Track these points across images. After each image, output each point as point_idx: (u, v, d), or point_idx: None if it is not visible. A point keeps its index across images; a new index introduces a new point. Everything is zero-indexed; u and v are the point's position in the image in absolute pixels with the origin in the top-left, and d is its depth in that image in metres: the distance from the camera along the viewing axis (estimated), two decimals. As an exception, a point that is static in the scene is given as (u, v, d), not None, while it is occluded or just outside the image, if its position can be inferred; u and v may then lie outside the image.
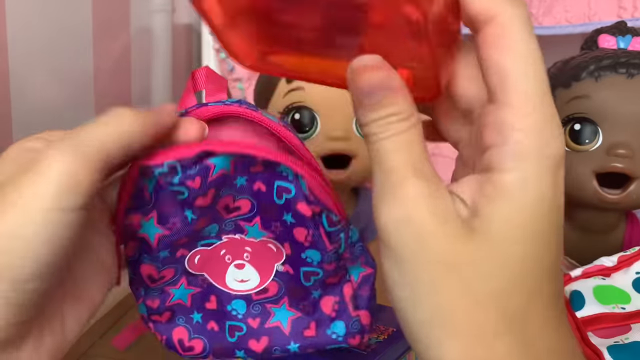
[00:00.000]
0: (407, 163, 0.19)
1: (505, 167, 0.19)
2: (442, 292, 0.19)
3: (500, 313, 0.19)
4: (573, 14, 0.65)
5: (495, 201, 0.19)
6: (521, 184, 0.19)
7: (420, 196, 0.19)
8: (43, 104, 0.50)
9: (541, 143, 0.19)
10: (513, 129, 0.19)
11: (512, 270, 0.19)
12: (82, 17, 0.54)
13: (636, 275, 0.43)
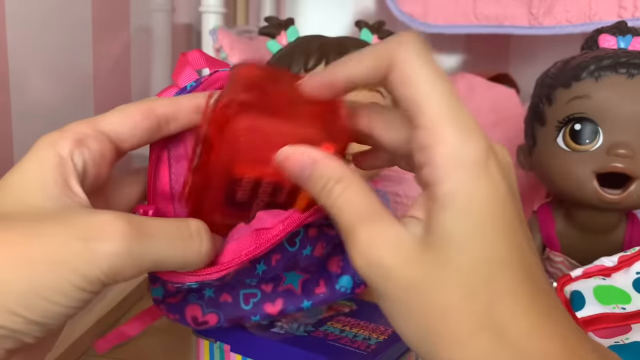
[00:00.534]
0: (352, 216, 0.22)
1: (436, 181, 0.21)
2: (416, 313, 0.21)
3: (470, 314, 0.20)
4: (573, 14, 0.65)
5: (437, 214, 0.21)
6: (453, 193, 0.21)
7: (370, 240, 0.22)
8: (43, 103, 0.50)
9: (461, 151, 0.21)
10: (434, 145, 0.21)
11: (470, 272, 0.21)
12: (82, 16, 0.54)
13: (636, 275, 0.43)
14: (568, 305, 0.41)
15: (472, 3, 0.69)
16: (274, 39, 0.50)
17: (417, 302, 0.21)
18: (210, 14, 0.66)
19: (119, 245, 0.22)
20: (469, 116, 0.22)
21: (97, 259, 0.21)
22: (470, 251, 0.21)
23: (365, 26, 0.51)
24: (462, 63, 0.92)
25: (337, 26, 0.94)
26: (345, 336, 0.38)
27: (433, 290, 0.21)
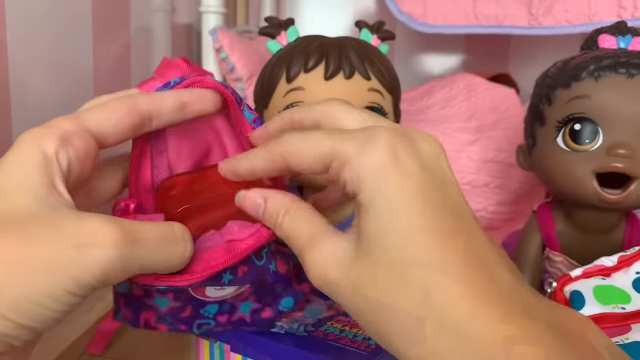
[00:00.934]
0: (299, 243, 0.25)
1: (355, 193, 0.23)
2: (369, 318, 0.22)
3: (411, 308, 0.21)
4: (573, 14, 0.65)
5: (362, 220, 0.23)
6: (369, 198, 0.23)
7: (315, 261, 0.24)
8: (43, 103, 0.50)
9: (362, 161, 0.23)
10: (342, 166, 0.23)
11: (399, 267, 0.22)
12: (82, 16, 0.54)
13: (636, 275, 0.43)
14: (568, 305, 0.41)
15: (472, 3, 0.69)
16: (274, 39, 0.50)
17: (364, 307, 0.22)
18: (210, 14, 0.66)
19: (112, 252, 0.22)
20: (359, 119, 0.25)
21: (89, 265, 0.22)
22: (395, 247, 0.22)
23: (365, 26, 0.51)
24: (461, 63, 0.92)
25: (337, 26, 0.94)
26: (345, 336, 0.38)
27: (372, 293, 0.22)
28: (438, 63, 0.93)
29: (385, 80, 0.48)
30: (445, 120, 0.66)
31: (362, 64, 0.46)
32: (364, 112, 0.26)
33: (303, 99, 0.46)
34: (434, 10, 0.70)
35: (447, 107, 0.69)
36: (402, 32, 0.81)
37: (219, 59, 0.65)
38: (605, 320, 0.40)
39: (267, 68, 0.49)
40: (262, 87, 0.49)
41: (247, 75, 0.65)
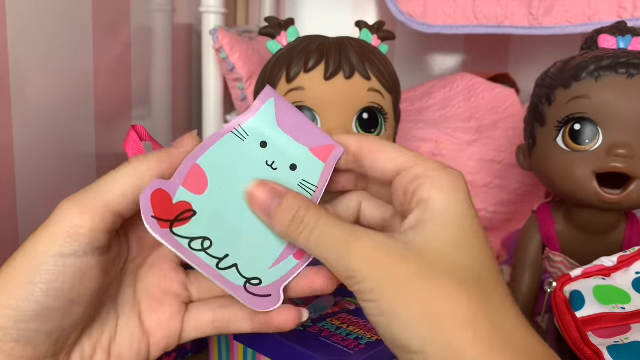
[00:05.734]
0: (341, 235, 0.25)
1: (434, 195, 0.25)
2: (415, 301, 0.23)
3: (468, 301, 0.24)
4: (573, 14, 0.65)
5: (430, 221, 0.25)
6: (448, 204, 0.25)
7: (368, 248, 0.25)
8: (43, 103, 0.50)
9: (450, 178, 0.26)
10: (429, 173, 0.26)
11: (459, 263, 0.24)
12: (82, 16, 0.54)
13: (636, 275, 0.43)
14: (567, 305, 0.41)
15: (472, 3, 0.69)
16: (274, 39, 0.50)
17: (418, 290, 0.24)
18: (210, 14, 0.66)
19: None
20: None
21: None
22: (462, 250, 0.25)
23: (365, 26, 0.51)
24: (461, 63, 0.92)
25: (337, 26, 0.94)
26: (339, 334, 0.38)
27: (435, 278, 0.24)
28: (438, 63, 0.93)
29: (385, 80, 0.48)
30: (445, 121, 0.66)
31: (362, 64, 0.46)
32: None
33: (303, 99, 0.46)
34: (434, 10, 0.70)
35: (447, 107, 0.69)
36: (402, 32, 0.81)
37: (219, 59, 0.65)
38: (605, 320, 0.40)
39: (267, 68, 0.49)
40: (262, 87, 0.49)
41: (247, 75, 0.65)
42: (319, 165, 0.29)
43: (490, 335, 0.23)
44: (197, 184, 0.27)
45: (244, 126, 0.28)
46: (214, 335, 0.32)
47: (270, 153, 0.28)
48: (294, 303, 0.42)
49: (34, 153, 0.49)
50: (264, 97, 0.28)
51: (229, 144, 0.28)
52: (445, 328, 0.23)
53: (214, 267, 0.27)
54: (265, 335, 0.38)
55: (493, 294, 0.24)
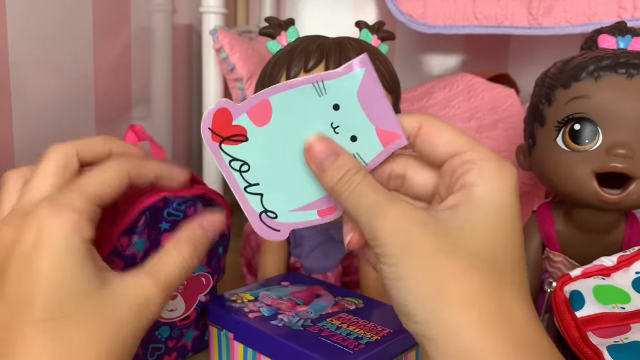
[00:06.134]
0: (378, 198, 0.27)
1: (478, 184, 0.26)
2: (431, 274, 0.25)
3: (481, 284, 0.25)
4: (573, 14, 0.65)
5: (468, 205, 0.26)
6: (488, 194, 0.26)
7: (400, 214, 0.26)
8: (43, 103, 0.50)
9: (500, 170, 0.27)
10: (479, 161, 0.27)
11: (485, 249, 0.25)
12: (83, 16, 0.54)
13: (636, 275, 0.43)
14: (567, 305, 0.41)
15: (472, 3, 0.69)
16: (274, 39, 0.50)
17: (437, 261, 0.25)
18: (210, 15, 0.66)
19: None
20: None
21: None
22: (491, 236, 0.25)
23: (365, 26, 0.51)
24: (461, 63, 0.92)
25: (337, 26, 0.94)
26: (339, 333, 0.38)
27: (455, 254, 0.25)
28: (438, 63, 0.93)
29: (385, 80, 0.48)
30: (445, 120, 0.66)
31: (362, 64, 0.46)
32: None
33: None
34: (434, 11, 0.70)
35: (447, 107, 0.69)
36: (402, 32, 0.81)
37: (219, 59, 0.65)
38: (605, 320, 0.40)
39: (267, 68, 0.49)
40: (262, 87, 0.49)
41: (247, 76, 0.65)
42: (378, 146, 0.29)
43: (494, 319, 0.24)
44: (260, 117, 0.29)
45: (327, 83, 0.29)
46: None
47: (339, 117, 0.29)
48: (294, 304, 0.42)
49: (35, 153, 0.49)
50: (357, 63, 0.28)
51: (305, 94, 0.29)
52: (450, 304, 0.24)
53: (242, 189, 0.30)
54: (265, 335, 0.38)
55: (507, 284, 0.25)
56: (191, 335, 0.43)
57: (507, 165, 0.27)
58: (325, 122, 0.29)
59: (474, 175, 0.26)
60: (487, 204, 0.26)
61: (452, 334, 0.24)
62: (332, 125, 0.29)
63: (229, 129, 0.29)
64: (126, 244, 0.37)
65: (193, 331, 0.43)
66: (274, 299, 0.43)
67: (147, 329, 0.30)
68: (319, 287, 0.46)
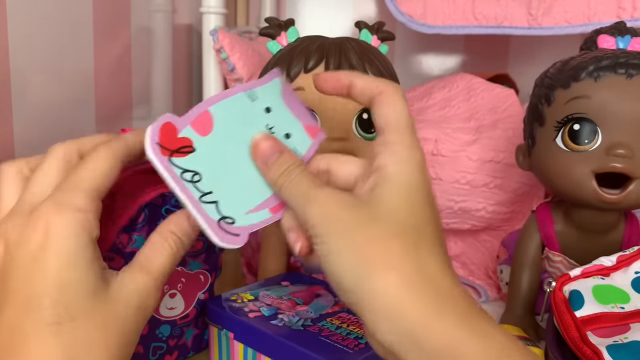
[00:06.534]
0: (309, 186, 0.30)
1: (389, 164, 0.29)
2: (357, 244, 0.27)
3: (400, 247, 0.27)
4: (572, 15, 0.65)
5: (383, 185, 0.29)
6: (399, 172, 0.29)
7: (326, 198, 0.29)
8: (44, 103, 0.50)
9: (410, 152, 0.30)
10: (395, 143, 0.30)
11: (402, 219, 0.28)
12: (83, 16, 0.55)
13: (635, 275, 0.43)
14: (567, 305, 0.41)
15: (471, 3, 0.69)
16: (274, 39, 0.50)
17: (360, 234, 0.28)
18: (210, 15, 0.66)
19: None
20: (414, 134, 0.31)
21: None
22: (405, 207, 0.29)
23: (365, 27, 0.51)
24: (461, 63, 0.92)
25: (337, 27, 0.95)
26: (339, 333, 0.38)
27: (374, 226, 0.28)
28: (437, 63, 0.93)
29: (385, 80, 0.48)
30: (445, 121, 0.66)
31: (362, 65, 0.47)
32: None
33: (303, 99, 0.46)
34: (434, 11, 0.70)
35: (446, 108, 0.69)
36: (402, 32, 0.81)
37: (219, 59, 0.65)
38: (604, 320, 0.40)
39: (267, 68, 0.49)
40: (262, 87, 0.50)
41: (247, 76, 0.65)
42: (308, 140, 0.33)
43: (414, 277, 0.27)
44: (203, 127, 0.31)
45: (257, 90, 0.32)
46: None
47: (272, 119, 0.33)
48: (295, 303, 0.42)
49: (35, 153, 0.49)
50: (274, 74, 0.32)
51: (240, 101, 0.32)
52: (374, 269, 0.27)
53: (197, 199, 0.30)
54: (265, 334, 0.38)
55: (424, 244, 0.28)
56: (191, 333, 0.43)
57: (415, 148, 0.30)
58: (262, 125, 0.32)
59: (386, 157, 0.30)
60: (400, 182, 0.29)
61: (378, 295, 0.26)
62: (268, 126, 0.32)
63: (176, 141, 0.30)
64: (126, 241, 0.37)
65: (193, 329, 0.43)
66: (274, 298, 0.43)
67: (145, 323, 0.31)
68: (319, 287, 0.46)
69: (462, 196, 0.63)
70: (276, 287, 0.46)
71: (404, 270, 0.27)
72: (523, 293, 0.53)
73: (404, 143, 0.30)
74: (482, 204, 0.64)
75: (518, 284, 0.54)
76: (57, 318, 0.27)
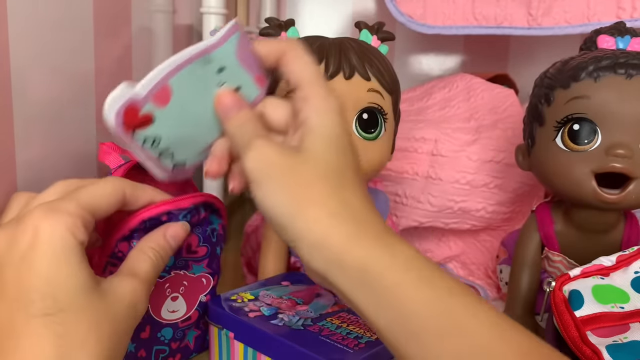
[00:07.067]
0: (251, 134, 0.33)
1: (311, 116, 0.33)
2: (289, 185, 0.31)
3: (326, 187, 0.31)
4: (572, 15, 0.65)
5: (308, 135, 0.32)
6: (320, 124, 0.32)
7: (262, 145, 0.32)
8: (44, 103, 0.50)
9: (327, 103, 0.33)
10: (312, 96, 0.33)
11: (327, 164, 0.32)
12: (83, 16, 0.55)
13: (635, 274, 0.43)
14: (567, 304, 0.41)
15: (471, 4, 0.69)
16: (275, 39, 0.50)
17: (291, 177, 0.31)
18: (211, 15, 0.66)
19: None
20: (326, 84, 0.34)
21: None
22: (329, 154, 0.32)
23: (365, 27, 0.52)
24: (461, 64, 0.93)
25: (337, 27, 0.95)
26: (339, 333, 0.38)
27: (304, 170, 0.31)
28: (437, 64, 0.93)
29: (385, 80, 0.48)
30: (445, 121, 0.66)
31: (362, 65, 0.47)
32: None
33: None
34: (434, 11, 0.70)
35: (446, 108, 0.69)
36: (402, 32, 0.81)
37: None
38: (604, 320, 0.40)
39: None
40: (262, 87, 0.50)
41: (247, 76, 0.65)
42: (256, 90, 0.36)
43: (339, 211, 0.30)
44: (162, 99, 0.33)
45: (213, 54, 0.34)
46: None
47: (224, 76, 0.35)
48: (295, 303, 0.42)
49: (36, 153, 0.49)
50: (231, 30, 0.34)
51: (196, 68, 0.33)
52: (305, 206, 0.30)
53: (156, 157, 0.34)
54: (265, 334, 0.38)
55: (347, 185, 0.32)
56: (193, 335, 0.43)
57: (330, 97, 0.33)
58: (215, 84, 0.35)
59: (307, 111, 0.33)
60: (322, 133, 0.32)
61: (309, 228, 0.30)
62: (219, 84, 0.35)
63: (138, 119, 0.32)
64: (126, 249, 0.37)
65: (194, 331, 0.43)
66: (274, 298, 0.43)
67: (136, 324, 0.32)
68: (319, 287, 0.46)
69: (462, 196, 0.63)
70: (276, 287, 0.46)
71: (330, 205, 0.30)
72: (523, 293, 0.53)
73: (320, 95, 0.33)
74: (482, 204, 0.64)
75: (518, 284, 0.54)
76: (46, 310, 0.27)
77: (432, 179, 0.63)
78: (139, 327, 0.38)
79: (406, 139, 0.65)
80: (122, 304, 0.31)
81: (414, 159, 0.64)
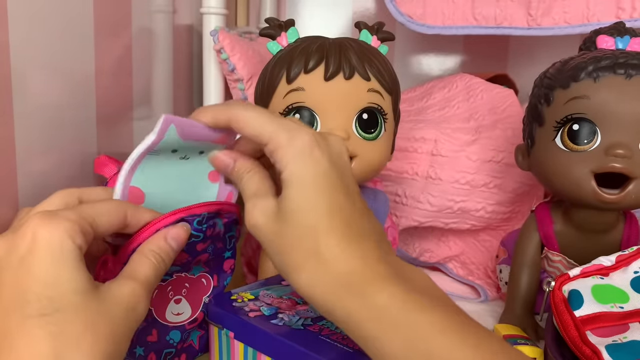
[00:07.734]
0: (248, 194, 0.36)
1: (281, 170, 0.33)
2: (279, 252, 0.33)
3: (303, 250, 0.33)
4: (572, 15, 0.65)
5: (284, 191, 0.33)
6: (290, 175, 0.33)
7: (252, 209, 0.34)
8: (45, 104, 0.50)
9: (292, 149, 0.33)
10: (275, 149, 0.34)
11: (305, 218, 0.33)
12: (84, 17, 0.55)
13: (634, 274, 0.43)
14: (566, 304, 0.41)
15: (471, 4, 0.69)
16: (275, 40, 0.50)
17: (277, 245, 0.33)
18: (211, 15, 0.66)
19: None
20: (291, 123, 0.34)
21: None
22: (301, 211, 0.33)
23: (365, 27, 0.52)
24: (461, 64, 0.93)
25: (337, 27, 0.95)
26: (339, 332, 0.38)
27: (283, 237, 0.33)
28: (437, 64, 0.93)
29: (385, 81, 0.48)
30: (444, 121, 0.66)
31: (362, 65, 0.47)
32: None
33: (303, 99, 0.47)
34: (433, 11, 0.70)
35: (446, 108, 0.69)
36: (402, 33, 0.81)
37: (219, 59, 0.65)
38: (604, 320, 0.40)
39: (268, 69, 0.49)
40: (262, 87, 0.50)
41: (247, 76, 0.65)
42: (220, 148, 0.38)
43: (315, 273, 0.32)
44: (137, 198, 0.35)
45: (158, 147, 0.35)
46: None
47: (182, 152, 0.37)
48: (295, 303, 0.42)
49: (36, 154, 0.49)
50: (164, 125, 0.34)
51: (148, 161, 0.35)
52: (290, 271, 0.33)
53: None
54: (265, 334, 0.38)
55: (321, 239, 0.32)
56: (197, 335, 0.43)
57: (298, 142, 0.33)
58: (176, 161, 0.37)
59: (279, 163, 0.33)
60: (297, 181, 0.33)
61: (298, 289, 0.33)
62: (180, 157, 0.37)
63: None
64: None
65: (198, 331, 0.43)
66: (274, 298, 0.43)
67: (136, 327, 0.32)
68: None
69: (461, 196, 0.63)
70: (276, 287, 0.46)
71: (308, 268, 0.32)
72: (522, 293, 0.54)
73: (282, 144, 0.33)
74: (481, 204, 0.64)
75: (517, 284, 0.54)
76: (41, 310, 0.28)
77: (432, 179, 0.64)
78: (145, 331, 0.38)
79: (406, 139, 0.65)
80: (120, 305, 0.31)
81: (413, 159, 0.64)
